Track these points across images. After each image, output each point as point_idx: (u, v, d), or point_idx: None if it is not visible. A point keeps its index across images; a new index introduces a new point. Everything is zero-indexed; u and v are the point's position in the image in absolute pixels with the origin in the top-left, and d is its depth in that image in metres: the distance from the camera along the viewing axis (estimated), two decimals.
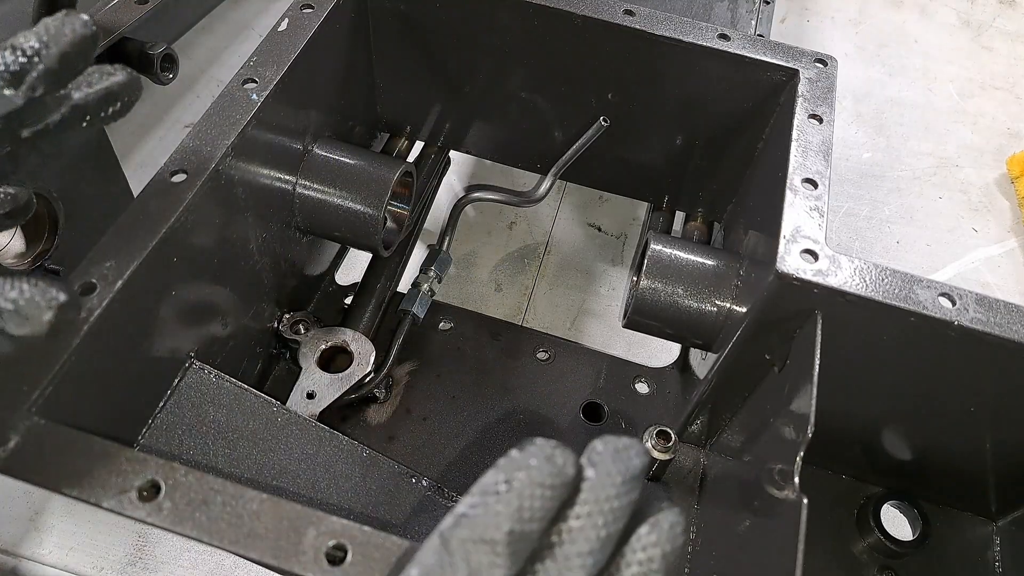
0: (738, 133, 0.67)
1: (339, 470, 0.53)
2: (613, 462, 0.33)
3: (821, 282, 0.47)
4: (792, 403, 0.48)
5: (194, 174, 0.48)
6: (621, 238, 0.94)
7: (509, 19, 0.65)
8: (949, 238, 1.01)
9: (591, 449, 0.33)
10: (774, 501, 0.45)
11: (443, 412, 0.70)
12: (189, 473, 0.36)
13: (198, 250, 0.50)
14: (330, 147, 0.65)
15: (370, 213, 0.63)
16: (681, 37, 0.62)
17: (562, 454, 0.32)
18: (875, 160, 1.09)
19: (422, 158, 0.81)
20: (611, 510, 0.31)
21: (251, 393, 0.53)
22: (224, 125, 0.52)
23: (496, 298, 0.87)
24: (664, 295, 0.61)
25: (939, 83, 1.22)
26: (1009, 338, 0.47)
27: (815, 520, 0.47)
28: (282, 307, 0.68)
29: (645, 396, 0.73)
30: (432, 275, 0.76)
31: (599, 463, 0.33)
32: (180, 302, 0.50)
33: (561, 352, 0.76)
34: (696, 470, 0.68)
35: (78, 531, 0.67)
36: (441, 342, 0.76)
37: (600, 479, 0.32)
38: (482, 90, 0.73)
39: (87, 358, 0.41)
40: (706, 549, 0.60)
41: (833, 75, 0.61)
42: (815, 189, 0.52)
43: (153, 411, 0.50)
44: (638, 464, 0.33)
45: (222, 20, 1.15)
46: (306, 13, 0.61)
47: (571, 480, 0.32)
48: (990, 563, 0.64)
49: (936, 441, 0.60)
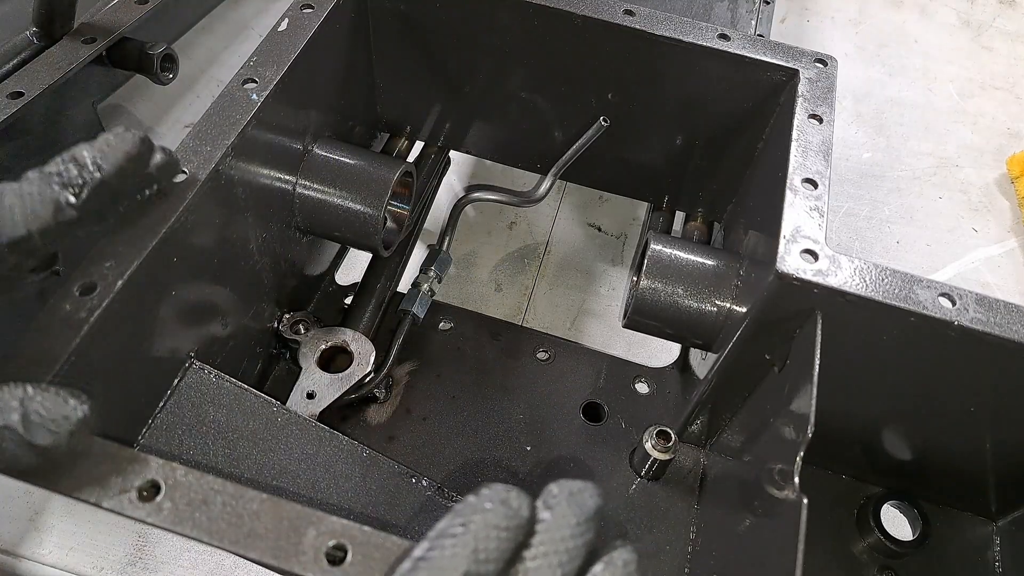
0: (738, 133, 0.67)
1: (339, 470, 0.53)
2: (568, 504, 0.33)
3: (821, 282, 0.47)
4: (792, 403, 0.48)
5: (194, 174, 0.48)
6: (621, 238, 0.94)
7: (509, 19, 0.65)
8: (949, 238, 1.01)
9: (546, 492, 0.34)
10: (774, 501, 0.45)
11: (443, 412, 0.70)
12: (189, 473, 0.36)
13: (198, 250, 0.50)
14: (330, 147, 0.65)
15: (370, 213, 0.63)
16: (681, 37, 0.62)
17: (517, 497, 0.33)
18: (875, 160, 1.09)
19: (422, 158, 0.81)
20: (566, 550, 0.32)
21: (251, 393, 0.53)
22: (224, 125, 0.52)
23: (496, 298, 0.87)
24: (664, 295, 0.61)
25: (939, 83, 1.22)
26: (1009, 338, 0.47)
27: (815, 520, 0.47)
28: (282, 307, 0.68)
29: (645, 396, 0.73)
30: (432, 275, 0.76)
31: (554, 505, 0.33)
32: (180, 302, 0.50)
33: (561, 352, 0.76)
34: (696, 470, 0.68)
35: (78, 531, 0.67)
36: (441, 342, 0.76)
37: (556, 520, 0.33)
38: (482, 90, 0.73)
39: (87, 358, 0.41)
40: (706, 549, 0.60)
41: (833, 75, 0.61)
42: (815, 189, 0.52)
43: (153, 411, 0.50)
44: (592, 505, 0.34)
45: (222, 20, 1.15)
46: (306, 13, 0.61)
47: (526, 522, 0.33)
48: (990, 563, 0.64)
49: (936, 441, 0.60)
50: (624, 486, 0.67)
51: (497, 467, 0.66)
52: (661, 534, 0.64)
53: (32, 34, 0.72)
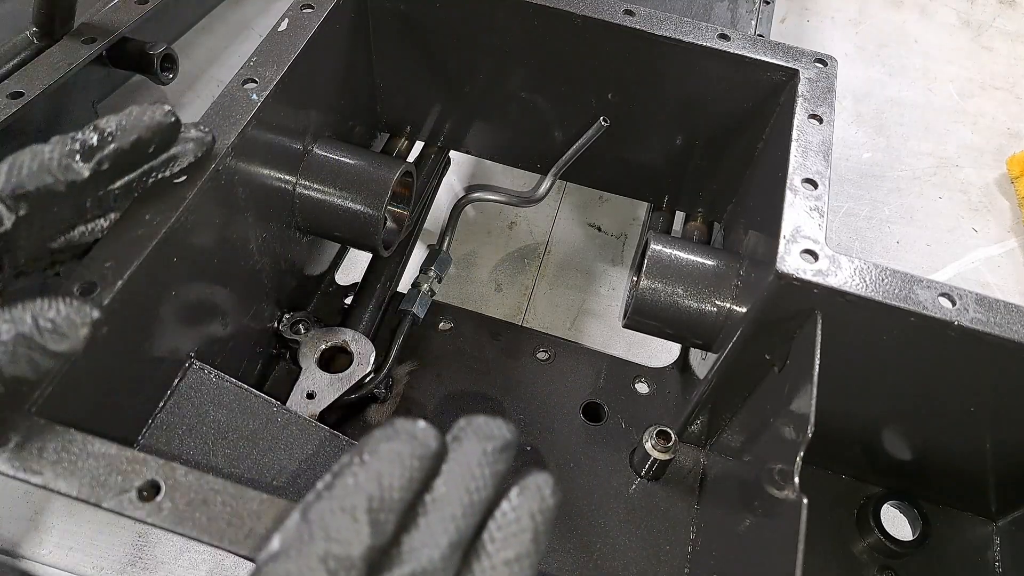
0: (738, 133, 0.67)
1: None
2: (476, 434, 0.34)
3: (821, 282, 0.47)
4: (792, 403, 0.48)
5: (194, 174, 0.48)
6: (621, 238, 0.94)
7: (509, 19, 0.65)
8: (949, 238, 1.01)
9: (455, 425, 0.34)
10: (774, 501, 0.45)
11: (443, 412, 0.70)
12: (189, 473, 0.36)
13: (198, 250, 0.50)
14: (330, 147, 0.65)
15: (370, 213, 0.63)
16: (681, 37, 0.62)
17: (424, 429, 0.33)
18: (875, 160, 1.09)
19: (422, 158, 0.81)
20: (476, 477, 0.32)
21: (251, 393, 0.53)
22: (224, 125, 0.52)
23: (496, 298, 0.87)
24: (664, 295, 0.61)
25: (939, 83, 1.22)
26: (1009, 338, 0.47)
27: (815, 520, 0.47)
28: (282, 307, 0.68)
29: (645, 396, 0.73)
30: (432, 275, 0.76)
31: (464, 436, 0.34)
32: (180, 302, 0.50)
33: (561, 352, 0.76)
34: (696, 470, 0.68)
35: (78, 531, 0.67)
36: (441, 342, 0.76)
37: (465, 449, 0.33)
38: (482, 90, 0.73)
39: (87, 358, 0.41)
40: (706, 549, 0.60)
41: (833, 75, 0.61)
42: (815, 189, 0.52)
43: (153, 411, 0.50)
44: (502, 435, 0.34)
45: (222, 20, 1.15)
46: (306, 13, 0.61)
47: (434, 452, 0.32)
48: (990, 563, 0.64)
49: (936, 441, 0.60)
50: (624, 486, 0.67)
51: None
52: (661, 534, 0.64)
53: (32, 34, 0.72)
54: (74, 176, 0.40)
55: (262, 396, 0.53)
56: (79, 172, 0.40)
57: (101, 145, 0.41)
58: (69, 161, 0.40)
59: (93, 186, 0.41)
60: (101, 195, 0.42)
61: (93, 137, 0.41)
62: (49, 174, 0.39)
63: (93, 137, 0.41)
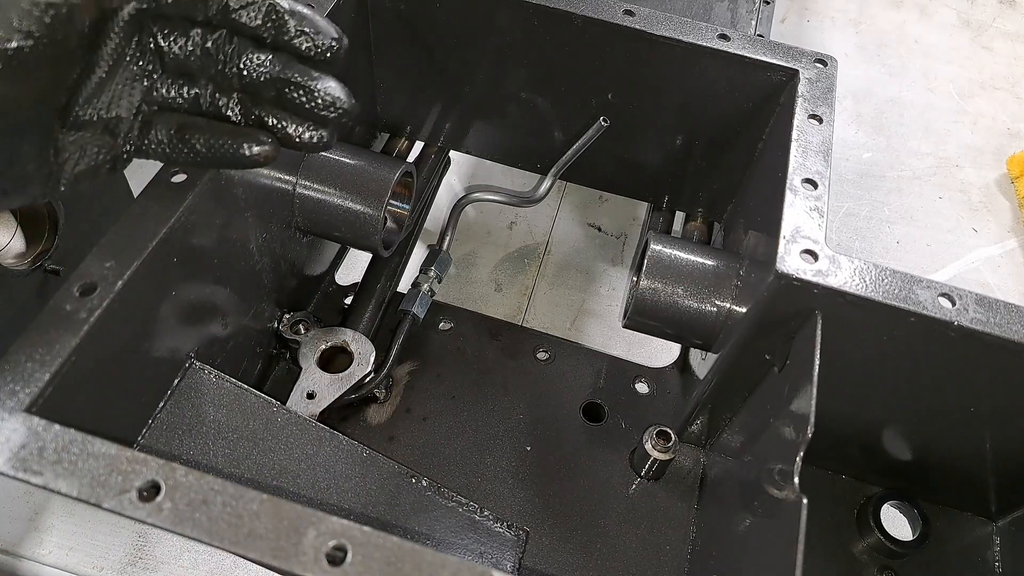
0: (738, 133, 0.67)
1: (339, 470, 0.53)
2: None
3: (821, 282, 0.47)
4: (792, 403, 0.48)
5: (194, 174, 0.48)
6: (621, 238, 0.94)
7: (509, 19, 0.65)
8: (949, 238, 1.01)
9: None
10: (774, 501, 0.45)
11: (443, 412, 0.70)
12: (189, 473, 0.36)
13: (198, 250, 0.50)
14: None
15: (370, 213, 0.63)
16: (681, 37, 0.62)
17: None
18: (875, 160, 1.09)
19: (422, 158, 0.81)
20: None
21: (251, 393, 0.53)
22: None
23: (496, 298, 0.87)
24: (664, 295, 0.61)
25: (939, 83, 1.22)
26: (1009, 338, 0.47)
27: (815, 520, 0.47)
28: (282, 307, 0.68)
29: (645, 396, 0.73)
30: (432, 275, 0.76)
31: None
32: (180, 302, 0.50)
33: (561, 352, 0.76)
34: (696, 470, 0.68)
35: (78, 531, 0.67)
36: (441, 342, 0.76)
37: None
38: (482, 90, 0.73)
39: (87, 358, 0.41)
40: (706, 549, 0.61)
41: (833, 75, 0.61)
42: (815, 189, 0.52)
43: (153, 411, 0.50)
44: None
45: None
46: None
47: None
48: (990, 563, 0.64)
49: (936, 441, 0.60)
50: (624, 486, 0.67)
51: (497, 467, 0.66)
52: (661, 534, 0.64)
53: None
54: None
55: (262, 396, 0.53)
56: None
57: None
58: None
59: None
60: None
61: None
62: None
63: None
